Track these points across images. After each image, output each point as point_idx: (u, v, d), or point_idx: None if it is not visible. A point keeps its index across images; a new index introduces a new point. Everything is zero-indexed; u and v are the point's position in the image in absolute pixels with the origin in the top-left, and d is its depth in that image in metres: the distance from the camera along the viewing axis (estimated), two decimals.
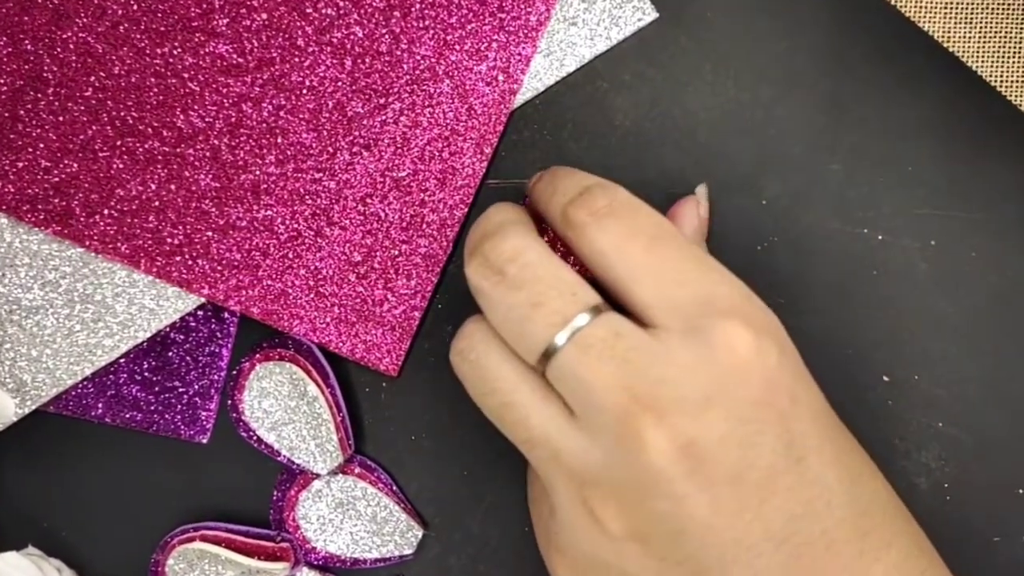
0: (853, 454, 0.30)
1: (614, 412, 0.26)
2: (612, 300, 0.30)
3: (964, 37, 0.38)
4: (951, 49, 0.37)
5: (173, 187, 0.37)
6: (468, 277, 0.30)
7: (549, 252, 0.29)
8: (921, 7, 0.38)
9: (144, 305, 0.38)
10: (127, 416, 0.38)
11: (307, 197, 0.37)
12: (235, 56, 0.37)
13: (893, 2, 0.38)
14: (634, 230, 0.28)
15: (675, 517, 0.26)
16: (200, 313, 0.38)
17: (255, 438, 0.37)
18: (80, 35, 0.37)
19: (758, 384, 0.27)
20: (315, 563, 0.38)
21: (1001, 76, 0.37)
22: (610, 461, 0.26)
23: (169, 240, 0.37)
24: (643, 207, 0.30)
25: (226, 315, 0.38)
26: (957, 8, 0.38)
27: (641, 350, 0.27)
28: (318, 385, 0.37)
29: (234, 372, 0.38)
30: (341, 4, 0.37)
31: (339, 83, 0.37)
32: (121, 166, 0.37)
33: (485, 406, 0.30)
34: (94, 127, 0.37)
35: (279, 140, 0.37)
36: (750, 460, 0.26)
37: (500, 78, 0.37)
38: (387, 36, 0.37)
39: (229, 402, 0.38)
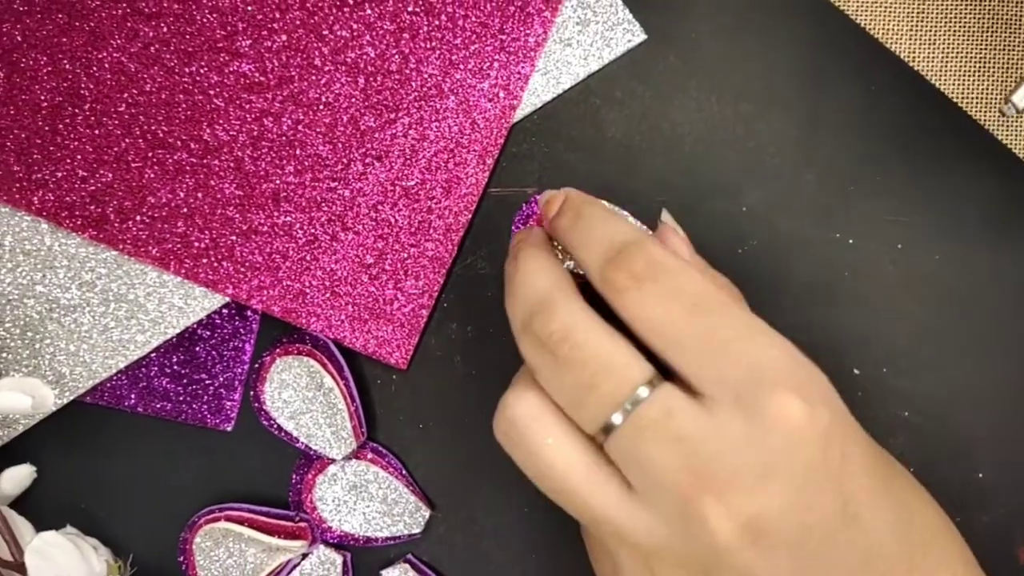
0: (904, 491, 0.29)
1: (673, 492, 0.25)
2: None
3: (929, 58, 0.38)
4: (917, 69, 0.38)
5: (200, 195, 0.38)
6: (522, 353, 0.28)
7: (597, 325, 0.27)
8: (889, 30, 0.38)
9: (173, 304, 0.39)
10: (158, 406, 0.39)
11: (323, 204, 0.38)
12: (257, 74, 0.38)
13: (864, 26, 0.38)
14: (676, 296, 0.26)
15: None
16: (225, 311, 0.39)
17: (275, 426, 0.38)
18: (115, 55, 0.38)
19: (812, 451, 0.25)
20: (331, 541, 0.39)
21: (963, 94, 0.38)
22: (674, 536, 0.26)
23: (196, 244, 0.38)
24: (682, 268, 0.27)
25: (249, 313, 0.39)
26: (922, 31, 0.38)
27: (694, 427, 0.25)
28: (333, 377, 0.38)
29: (256, 365, 0.39)
30: (355, 26, 0.38)
31: (353, 99, 0.38)
32: (152, 176, 0.38)
33: (539, 487, 0.28)
34: (127, 140, 0.38)
35: (297, 152, 0.38)
36: (809, 524, 0.25)
37: (501, 95, 0.38)
38: (397, 56, 0.38)
39: (251, 393, 0.38)
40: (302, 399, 0.38)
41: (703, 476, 0.25)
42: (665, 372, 0.27)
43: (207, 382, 0.39)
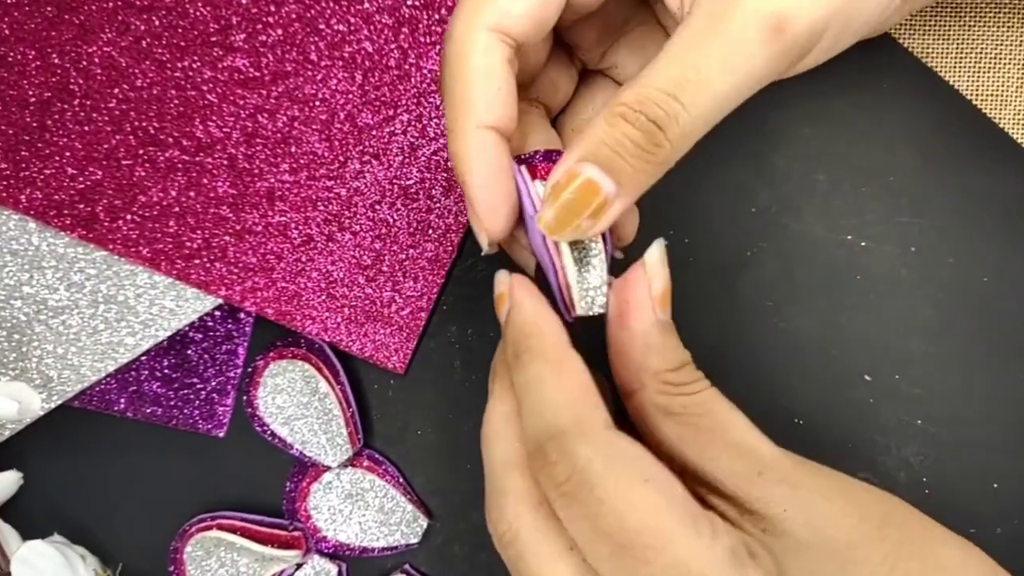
0: None
1: None
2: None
3: (942, 53, 0.38)
4: (929, 65, 0.38)
5: (192, 194, 0.38)
6: None
7: (533, 540, 0.26)
8: (901, 25, 0.38)
9: (164, 306, 0.39)
10: (148, 411, 0.39)
11: (319, 203, 0.38)
12: (251, 70, 0.38)
13: None
14: (599, 528, 0.24)
15: None
16: (217, 313, 0.39)
17: (269, 432, 0.38)
18: (105, 49, 0.38)
19: None
20: (325, 551, 0.39)
21: (977, 90, 0.38)
22: None
23: (188, 244, 0.38)
24: (608, 487, 0.24)
25: (242, 315, 0.39)
26: (935, 26, 0.38)
27: None
28: (329, 382, 0.38)
29: (249, 369, 0.39)
30: (352, 20, 0.38)
31: (350, 95, 0.38)
32: (143, 174, 0.38)
33: None
34: (118, 136, 0.38)
35: (293, 149, 0.38)
36: None
37: None
38: (396, 51, 0.38)
39: (244, 398, 0.39)
40: (296, 404, 0.38)
41: None
42: None
43: (199, 386, 0.39)
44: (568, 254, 0.28)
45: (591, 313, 0.28)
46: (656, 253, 0.27)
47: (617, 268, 0.29)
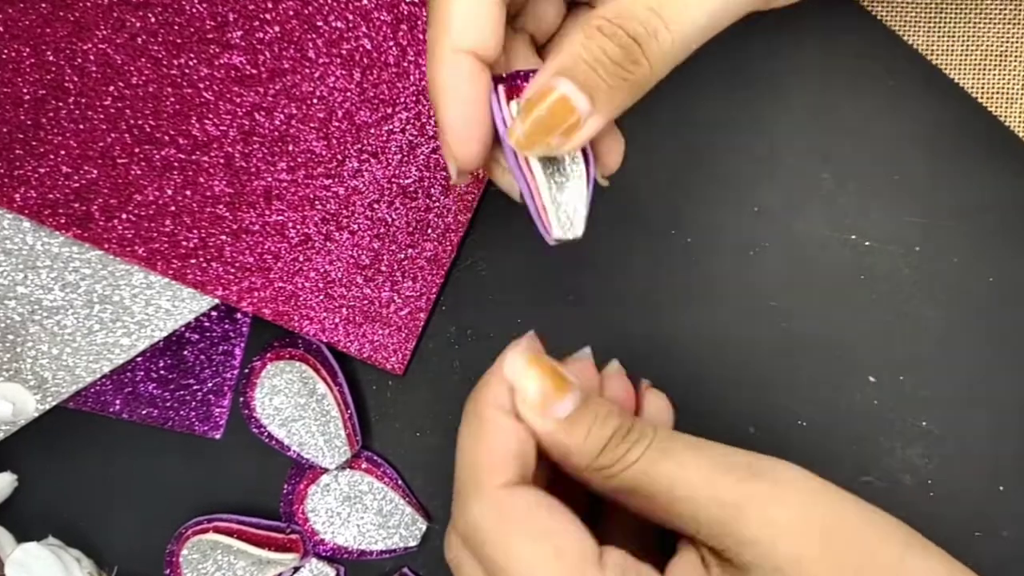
0: None
1: None
2: None
3: (947, 51, 0.38)
4: (934, 62, 0.38)
5: (188, 192, 0.38)
6: None
7: (471, 569, 0.27)
8: (906, 22, 0.38)
9: (160, 306, 0.38)
10: (144, 412, 0.39)
11: (317, 202, 0.38)
12: (248, 67, 0.38)
13: (879, 17, 0.38)
14: None
15: None
16: (214, 314, 0.39)
17: (266, 434, 0.38)
18: (100, 46, 0.37)
19: None
20: (323, 554, 0.39)
21: (982, 88, 0.38)
22: None
23: (184, 243, 0.38)
24: (495, 540, 0.25)
25: (239, 315, 0.39)
26: (940, 23, 0.38)
27: None
28: (327, 383, 0.38)
29: (246, 370, 0.39)
30: (350, 18, 0.37)
31: (348, 93, 0.38)
32: (139, 172, 0.38)
33: None
34: (113, 135, 0.38)
35: (290, 148, 0.38)
36: None
37: None
38: (394, 48, 0.38)
39: (241, 399, 0.38)
40: (294, 405, 0.38)
41: None
42: None
43: (195, 388, 0.39)
44: (541, 173, 0.26)
45: (569, 236, 0.27)
46: (514, 365, 0.27)
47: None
